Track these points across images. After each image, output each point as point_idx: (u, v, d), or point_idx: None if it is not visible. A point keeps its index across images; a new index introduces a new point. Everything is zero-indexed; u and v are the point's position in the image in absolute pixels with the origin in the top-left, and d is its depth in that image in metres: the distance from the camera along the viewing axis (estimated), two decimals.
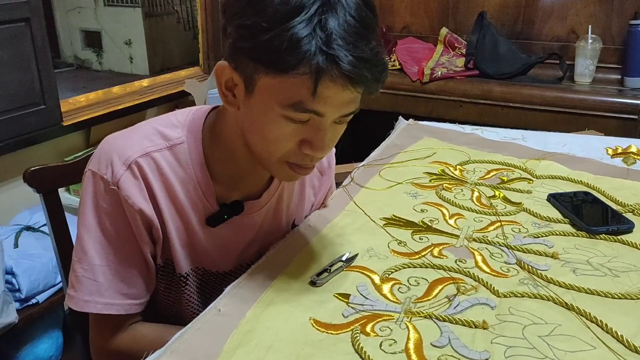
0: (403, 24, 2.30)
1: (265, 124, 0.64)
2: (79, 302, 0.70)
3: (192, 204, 0.74)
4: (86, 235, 0.70)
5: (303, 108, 0.60)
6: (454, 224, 0.84)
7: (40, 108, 1.69)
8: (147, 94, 2.25)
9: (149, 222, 0.71)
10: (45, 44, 1.68)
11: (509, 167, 1.06)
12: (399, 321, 0.62)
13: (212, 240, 0.77)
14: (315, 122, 0.63)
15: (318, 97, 0.59)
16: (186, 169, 0.73)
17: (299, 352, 0.57)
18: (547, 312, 0.63)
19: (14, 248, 1.46)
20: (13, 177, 1.69)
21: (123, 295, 0.72)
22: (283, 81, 0.59)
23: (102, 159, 0.70)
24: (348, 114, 0.65)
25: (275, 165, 0.69)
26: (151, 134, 0.73)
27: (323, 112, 0.62)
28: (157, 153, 0.72)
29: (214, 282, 0.81)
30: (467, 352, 0.57)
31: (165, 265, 0.77)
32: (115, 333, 0.74)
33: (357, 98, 0.64)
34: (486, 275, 0.71)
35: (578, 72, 1.89)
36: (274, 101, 0.61)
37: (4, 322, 1.29)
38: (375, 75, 0.60)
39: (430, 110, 1.97)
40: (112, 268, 0.71)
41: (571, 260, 0.74)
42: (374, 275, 0.71)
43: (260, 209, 0.80)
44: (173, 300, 0.80)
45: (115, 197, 0.69)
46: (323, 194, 0.94)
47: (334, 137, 0.68)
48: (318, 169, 0.91)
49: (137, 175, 0.70)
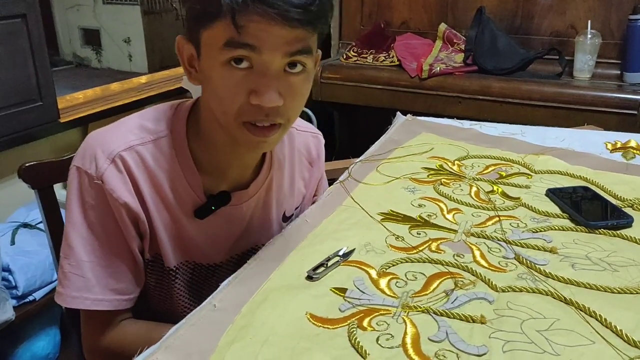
0: (401, 20, 2.29)
1: (213, 80, 0.65)
2: (67, 298, 0.70)
3: (179, 196, 0.74)
4: (72, 231, 0.70)
5: (235, 43, 0.61)
6: (452, 219, 0.84)
7: (37, 105, 1.68)
8: (145, 91, 2.24)
9: (134, 216, 0.71)
10: (42, 40, 1.67)
11: (508, 162, 1.05)
12: (396, 316, 0.61)
13: (201, 233, 0.77)
14: (258, 66, 0.63)
15: (245, 31, 0.60)
16: (171, 162, 0.73)
17: (294, 347, 0.56)
18: (545, 307, 0.63)
19: (10, 245, 1.46)
20: (9, 174, 1.69)
21: (112, 290, 0.71)
22: (214, 28, 0.62)
23: (87, 154, 0.70)
24: (293, 52, 0.63)
25: (236, 131, 0.67)
26: (135, 128, 0.73)
27: (258, 45, 0.61)
28: (141, 146, 0.71)
29: (205, 275, 0.81)
30: (464, 346, 0.56)
31: (154, 259, 0.76)
32: (106, 329, 0.73)
33: (301, 36, 0.63)
34: (484, 270, 0.70)
35: (577, 68, 1.89)
36: (213, 51, 0.63)
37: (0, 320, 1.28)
38: (302, 9, 0.60)
39: (429, 106, 1.97)
40: (99, 263, 0.70)
41: (570, 255, 0.74)
42: (371, 269, 0.70)
43: (249, 199, 0.79)
44: (164, 295, 0.80)
45: (100, 192, 0.69)
46: (314, 185, 0.93)
47: (291, 92, 0.66)
48: (307, 160, 0.91)
49: (121, 169, 0.69)
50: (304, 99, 0.70)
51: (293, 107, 0.68)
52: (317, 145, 0.92)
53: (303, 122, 0.91)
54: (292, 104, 0.67)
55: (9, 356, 1.45)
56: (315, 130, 0.93)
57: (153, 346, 0.58)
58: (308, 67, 0.67)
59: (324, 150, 0.94)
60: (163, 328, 0.69)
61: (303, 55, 0.65)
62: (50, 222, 0.90)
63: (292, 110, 0.68)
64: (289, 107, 0.67)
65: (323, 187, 0.97)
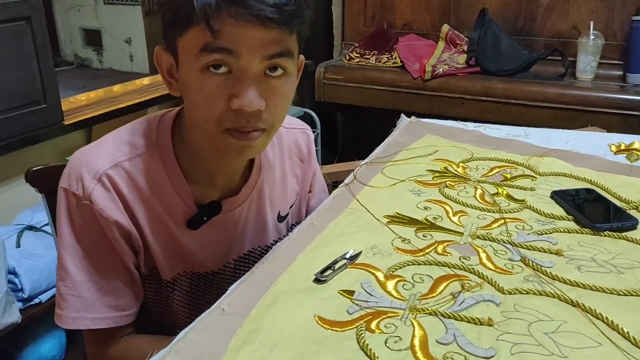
0: (404, 21, 2.29)
1: (192, 88, 0.64)
2: (66, 320, 0.70)
3: (170, 208, 0.73)
4: (65, 252, 0.70)
5: (211, 48, 0.61)
6: (458, 222, 0.84)
7: (42, 107, 1.69)
8: (148, 93, 2.25)
9: (126, 233, 0.70)
10: (46, 42, 1.68)
11: (512, 165, 1.05)
12: (404, 318, 0.62)
13: (196, 242, 0.76)
14: (237, 70, 0.62)
15: (220, 35, 0.60)
16: (159, 174, 0.72)
17: (304, 350, 0.57)
18: (552, 309, 0.63)
19: (16, 248, 1.47)
20: (14, 176, 1.69)
21: (111, 307, 0.71)
22: (190, 34, 0.62)
23: (72, 175, 0.69)
24: (271, 55, 0.62)
25: (219, 138, 0.66)
26: (120, 144, 0.72)
27: (235, 49, 0.61)
28: (127, 162, 0.71)
29: (204, 283, 0.80)
30: (472, 349, 0.57)
31: (151, 273, 0.76)
32: (109, 346, 0.73)
33: (278, 38, 0.62)
34: (491, 272, 0.70)
35: (580, 69, 1.89)
36: (190, 58, 0.63)
37: (7, 322, 1.29)
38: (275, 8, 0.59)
39: (432, 108, 1.97)
40: (95, 282, 0.70)
41: (576, 258, 0.74)
42: (378, 272, 0.71)
43: (241, 204, 0.79)
44: (164, 307, 0.80)
45: (89, 212, 0.68)
46: (307, 181, 0.93)
47: (271, 94, 0.65)
48: (298, 157, 0.90)
49: (108, 188, 0.69)
50: (287, 103, 0.69)
51: (276, 110, 0.67)
52: (306, 141, 0.91)
53: (290, 119, 0.89)
54: (275, 108, 0.66)
55: (15, 358, 1.46)
56: (303, 125, 0.92)
57: (163, 350, 0.58)
58: (289, 70, 0.66)
59: (314, 145, 0.93)
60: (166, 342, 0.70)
61: (282, 58, 0.64)
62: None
63: (275, 113, 0.67)
64: (271, 111, 0.66)
65: (318, 181, 0.96)
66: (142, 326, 0.77)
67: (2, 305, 1.26)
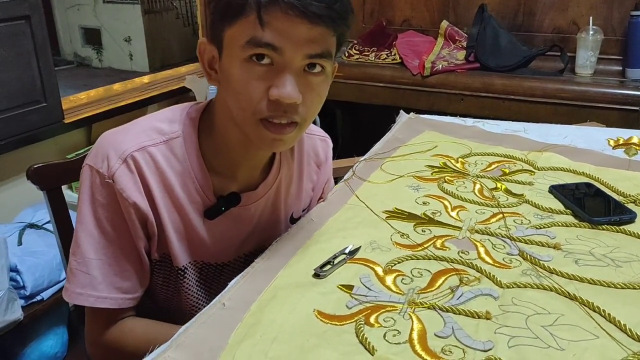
0: (403, 18, 2.29)
1: (234, 77, 0.66)
2: (72, 294, 0.71)
3: (190, 197, 0.75)
4: (81, 228, 0.71)
5: (258, 41, 0.63)
6: (456, 216, 0.85)
7: (42, 106, 1.69)
8: (147, 91, 2.25)
9: (143, 216, 0.72)
10: (46, 41, 1.68)
11: (511, 160, 1.06)
12: (403, 312, 0.62)
13: (210, 233, 0.78)
14: (279, 63, 0.64)
15: (268, 29, 0.62)
16: (183, 163, 0.74)
17: (303, 344, 0.57)
18: (550, 302, 0.64)
19: (17, 245, 1.47)
20: (15, 175, 1.70)
21: (116, 289, 0.72)
22: (238, 26, 0.64)
23: (99, 154, 0.71)
24: (313, 54, 0.65)
25: (252, 128, 0.68)
26: (148, 129, 0.74)
27: (280, 46, 0.63)
28: (153, 147, 0.72)
29: (213, 274, 0.82)
30: (470, 342, 0.57)
31: (162, 259, 0.77)
32: (108, 326, 0.74)
33: (320, 38, 0.64)
34: (489, 267, 0.71)
35: (579, 64, 1.89)
36: (235, 48, 0.65)
37: (9, 319, 1.30)
38: (324, 4, 0.62)
39: (432, 104, 1.97)
40: (105, 262, 0.71)
41: (573, 251, 0.74)
42: (377, 267, 0.71)
43: (258, 200, 0.80)
44: (172, 293, 0.81)
45: (110, 191, 0.70)
46: (320, 187, 0.94)
47: (309, 90, 0.67)
48: (315, 162, 0.92)
49: (132, 169, 0.70)
50: (321, 101, 0.71)
51: (310, 106, 0.69)
52: (325, 148, 0.93)
53: (311, 126, 0.92)
54: (310, 103, 0.69)
55: (17, 355, 1.47)
56: (323, 133, 0.94)
57: (164, 344, 0.59)
58: (327, 71, 0.68)
59: (331, 153, 0.95)
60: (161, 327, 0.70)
61: (323, 59, 0.66)
62: (58, 223, 0.91)
63: (310, 110, 0.69)
64: (306, 106, 0.68)
65: (329, 188, 0.98)
66: (147, 311, 0.78)
67: (4, 303, 1.27)
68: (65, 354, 1.56)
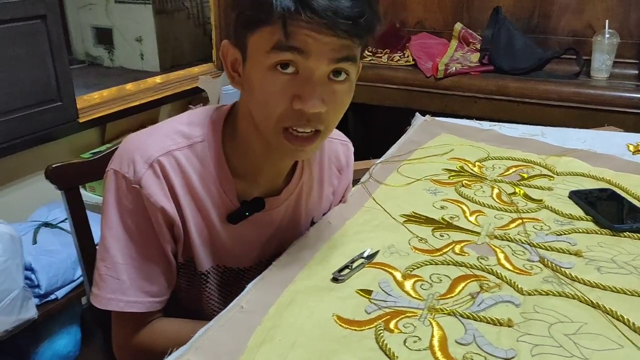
0: (416, 20, 2.28)
1: (258, 85, 0.66)
2: (102, 300, 0.71)
3: (213, 201, 0.74)
4: (109, 234, 0.71)
5: (282, 46, 0.62)
6: (475, 221, 0.84)
7: (57, 105, 1.70)
8: (160, 91, 2.25)
9: (170, 220, 0.71)
10: (61, 40, 1.68)
11: (529, 164, 1.05)
12: (423, 318, 0.62)
13: (233, 237, 0.77)
14: (304, 72, 0.64)
15: (293, 36, 0.61)
16: (207, 167, 0.73)
17: (323, 349, 0.57)
18: (572, 311, 0.63)
19: (32, 244, 1.48)
20: (30, 173, 1.71)
21: (145, 293, 0.72)
22: (263, 32, 0.63)
23: (124, 158, 0.71)
24: (339, 58, 0.64)
25: (274, 137, 0.68)
26: (172, 133, 0.73)
27: (304, 50, 0.62)
28: (178, 152, 0.72)
29: (234, 278, 0.81)
30: (492, 349, 0.56)
31: (186, 263, 0.77)
32: (137, 330, 0.74)
33: (345, 44, 0.63)
34: (509, 273, 0.70)
35: (595, 67, 1.87)
36: (260, 54, 0.64)
37: (23, 318, 1.30)
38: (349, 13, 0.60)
39: (445, 106, 1.96)
40: (134, 266, 0.71)
41: (595, 259, 0.73)
42: (396, 272, 0.71)
43: (280, 205, 0.80)
44: (194, 297, 0.81)
45: (137, 196, 0.70)
46: (341, 192, 0.94)
47: (333, 99, 0.66)
48: (337, 167, 0.91)
49: (158, 174, 0.70)
50: (344, 109, 0.70)
51: (334, 114, 0.68)
52: (346, 153, 0.92)
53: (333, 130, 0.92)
54: (333, 112, 0.68)
55: (31, 354, 1.47)
56: (344, 138, 0.93)
57: (183, 347, 0.59)
58: (351, 77, 0.68)
59: (352, 158, 0.94)
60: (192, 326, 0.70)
61: (348, 62, 0.65)
62: (75, 222, 0.91)
63: (333, 118, 0.69)
64: (330, 114, 0.67)
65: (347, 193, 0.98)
66: (170, 311, 0.78)
67: (19, 301, 1.28)
68: (78, 354, 1.57)
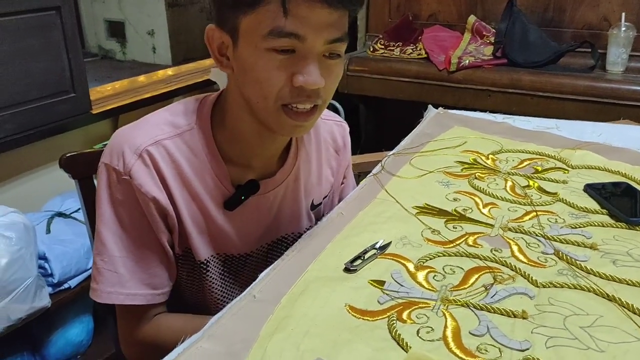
0: (430, 12, 2.26)
1: (254, 66, 0.66)
2: (101, 294, 0.71)
3: (207, 189, 0.74)
4: (103, 228, 0.71)
5: (281, 32, 0.62)
6: (488, 214, 0.83)
7: (71, 96, 1.71)
8: (172, 83, 2.26)
9: (163, 210, 0.71)
10: (75, 32, 1.69)
11: (543, 157, 1.04)
12: (436, 309, 0.61)
13: (230, 224, 0.77)
14: (301, 51, 0.64)
15: (291, 17, 0.62)
16: (198, 155, 0.74)
17: (336, 338, 0.57)
18: (587, 303, 0.62)
19: (46, 234, 1.49)
20: (44, 164, 1.72)
21: (145, 285, 0.72)
22: (258, 14, 0.63)
23: (114, 151, 0.71)
24: (333, 39, 0.65)
25: (274, 115, 0.68)
26: (161, 123, 0.74)
27: (303, 34, 0.63)
28: (167, 141, 0.72)
29: (236, 265, 0.81)
30: (507, 341, 0.56)
31: (185, 253, 0.77)
32: (141, 323, 0.74)
33: (339, 22, 0.65)
34: (523, 265, 0.69)
35: (610, 61, 1.85)
36: (255, 37, 0.64)
37: (37, 306, 1.32)
38: None
39: (458, 100, 1.95)
40: (131, 258, 0.71)
41: (611, 252, 0.73)
42: (409, 263, 0.70)
43: (276, 187, 0.80)
44: (196, 288, 0.81)
45: (128, 187, 0.70)
46: (341, 173, 0.94)
47: (329, 74, 0.68)
48: (334, 148, 0.91)
49: (148, 164, 0.70)
50: (338, 82, 0.72)
51: (330, 88, 0.70)
52: (342, 133, 0.93)
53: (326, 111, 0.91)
54: (329, 87, 0.70)
55: (44, 342, 1.49)
56: (338, 118, 0.94)
57: (196, 334, 0.59)
58: (342, 54, 0.70)
59: (349, 138, 0.94)
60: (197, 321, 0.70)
61: (340, 42, 0.67)
62: (89, 212, 0.92)
63: (329, 91, 0.70)
64: (327, 89, 0.69)
65: (349, 174, 0.97)
66: (174, 306, 0.78)
67: (32, 289, 1.29)
68: (90, 342, 1.59)
